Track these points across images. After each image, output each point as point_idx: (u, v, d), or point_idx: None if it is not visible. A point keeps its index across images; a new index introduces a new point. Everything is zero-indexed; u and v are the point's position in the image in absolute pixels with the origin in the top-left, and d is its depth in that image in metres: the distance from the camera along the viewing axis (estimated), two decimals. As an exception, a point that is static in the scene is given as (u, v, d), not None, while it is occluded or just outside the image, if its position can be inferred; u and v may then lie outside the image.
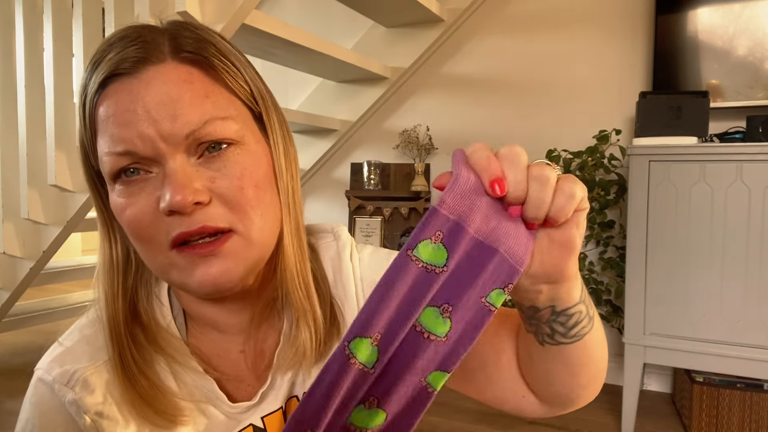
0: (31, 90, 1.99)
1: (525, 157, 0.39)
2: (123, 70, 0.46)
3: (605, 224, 2.25)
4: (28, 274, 2.10)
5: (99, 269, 0.53)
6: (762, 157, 1.67)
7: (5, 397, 2.12)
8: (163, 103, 0.45)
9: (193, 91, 0.46)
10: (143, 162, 0.46)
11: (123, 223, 0.48)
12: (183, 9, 1.49)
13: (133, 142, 0.45)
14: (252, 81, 0.52)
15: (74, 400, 0.49)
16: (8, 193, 2.06)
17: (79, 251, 5.03)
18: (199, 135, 0.46)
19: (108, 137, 0.46)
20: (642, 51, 2.27)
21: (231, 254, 0.47)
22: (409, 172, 2.59)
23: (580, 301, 0.46)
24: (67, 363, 0.50)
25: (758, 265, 1.68)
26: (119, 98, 0.46)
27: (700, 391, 1.84)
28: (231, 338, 0.56)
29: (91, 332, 0.53)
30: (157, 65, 0.47)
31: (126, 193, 0.47)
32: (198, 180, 0.46)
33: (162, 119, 0.45)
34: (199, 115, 0.46)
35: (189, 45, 0.48)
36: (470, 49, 2.58)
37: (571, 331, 0.47)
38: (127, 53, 0.46)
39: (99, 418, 0.49)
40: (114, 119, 0.46)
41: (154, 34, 0.48)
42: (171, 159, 0.45)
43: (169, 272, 0.48)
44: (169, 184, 0.45)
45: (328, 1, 2.63)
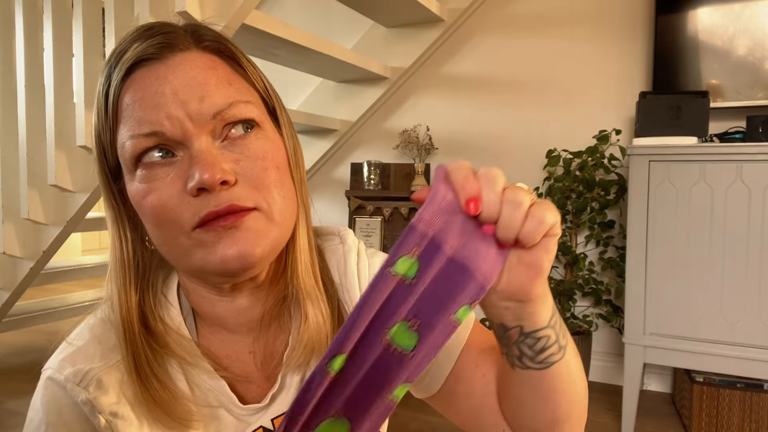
0: (31, 90, 1.99)
1: (502, 179, 0.40)
2: (149, 56, 0.48)
3: (605, 224, 2.25)
4: (28, 274, 2.10)
5: (111, 268, 0.53)
6: (762, 157, 1.67)
7: (5, 397, 2.12)
8: (191, 85, 0.47)
9: (218, 77, 0.48)
10: (169, 144, 0.47)
11: (145, 208, 0.48)
12: (183, 9, 1.49)
13: (161, 123, 0.46)
14: (264, 78, 0.54)
15: (88, 400, 0.49)
16: (8, 193, 2.06)
17: (79, 251, 5.03)
18: (225, 116, 0.47)
19: (134, 121, 0.47)
20: (642, 51, 2.27)
21: (253, 229, 0.47)
22: (409, 172, 2.59)
23: (548, 326, 0.46)
24: (79, 362, 0.50)
25: (758, 265, 1.68)
26: (146, 83, 0.47)
27: (700, 391, 1.84)
28: (240, 338, 0.56)
29: (101, 332, 0.53)
30: (184, 52, 0.48)
31: (149, 178, 0.47)
32: (224, 161, 0.47)
33: (190, 100, 0.46)
34: (224, 97, 0.48)
35: (210, 36, 0.51)
36: (470, 49, 2.58)
37: (539, 356, 0.47)
38: (152, 41, 0.48)
39: (114, 418, 0.49)
40: (141, 103, 0.47)
41: (175, 27, 0.50)
42: (197, 140, 0.46)
43: (191, 254, 0.48)
44: (198, 163, 0.45)
45: (328, 1, 2.63)
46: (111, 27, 1.68)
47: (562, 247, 2.26)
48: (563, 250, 2.26)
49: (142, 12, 1.58)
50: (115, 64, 0.48)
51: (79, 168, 1.90)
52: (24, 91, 1.98)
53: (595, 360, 2.36)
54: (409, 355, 0.41)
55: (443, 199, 0.40)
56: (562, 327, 0.48)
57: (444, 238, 0.41)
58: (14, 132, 2.04)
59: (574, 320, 2.27)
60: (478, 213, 0.39)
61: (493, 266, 0.41)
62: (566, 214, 2.32)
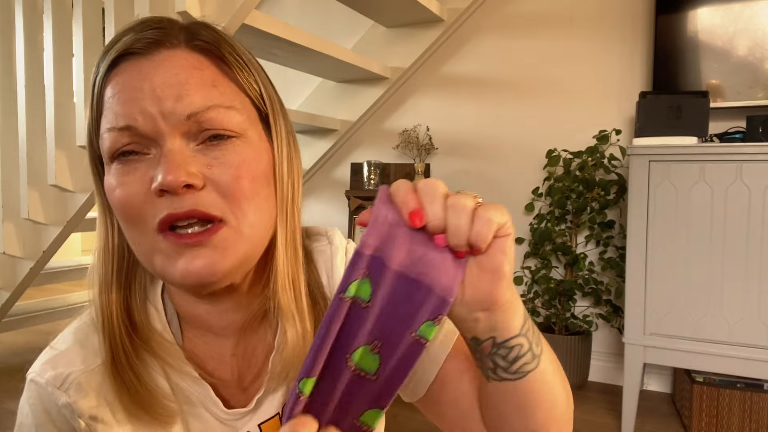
0: (31, 90, 1.99)
1: (442, 188, 0.40)
2: (136, 50, 0.47)
3: (605, 224, 2.25)
4: (28, 274, 2.10)
5: (95, 257, 0.52)
6: (762, 157, 1.67)
7: (5, 397, 2.12)
8: (170, 83, 0.46)
9: (202, 78, 0.47)
10: (142, 141, 0.46)
11: (113, 203, 0.47)
12: (183, 9, 1.49)
13: (134, 117, 0.45)
14: (263, 83, 0.52)
15: (68, 404, 0.49)
16: (8, 193, 2.06)
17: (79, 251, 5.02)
18: (201, 119, 0.46)
19: (112, 114, 0.46)
20: (642, 51, 2.27)
21: (219, 246, 0.46)
22: (409, 172, 2.59)
23: (520, 334, 0.45)
24: (60, 366, 0.50)
25: (758, 265, 1.68)
26: (128, 76, 0.47)
27: (700, 391, 1.84)
28: (224, 341, 0.56)
29: (84, 336, 0.52)
30: (171, 49, 0.48)
31: (120, 173, 0.47)
32: (194, 164, 0.45)
33: (166, 98, 0.45)
34: (203, 99, 0.46)
35: (204, 36, 0.49)
36: (470, 49, 2.58)
37: (513, 366, 0.46)
38: (142, 35, 0.47)
39: (93, 422, 0.49)
40: (120, 96, 0.46)
41: (171, 24, 0.50)
42: (169, 140, 0.46)
43: (153, 258, 0.47)
44: (164, 164, 0.44)
45: (328, 1, 2.63)
46: (111, 27, 1.68)
47: (562, 247, 2.26)
48: (563, 250, 2.26)
49: (142, 12, 1.58)
50: (103, 56, 0.48)
51: (79, 168, 1.90)
52: (24, 91, 1.98)
53: (595, 360, 2.36)
54: (372, 378, 0.41)
55: (385, 220, 0.40)
56: (535, 335, 0.47)
57: (391, 256, 0.40)
58: (14, 132, 2.04)
59: (574, 320, 2.27)
60: (423, 225, 0.39)
61: (453, 278, 0.40)
62: (566, 214, 2.32)
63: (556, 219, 2.30)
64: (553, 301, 2.30)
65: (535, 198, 2.44)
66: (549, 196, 2.34)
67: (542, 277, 2.29)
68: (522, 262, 2.49)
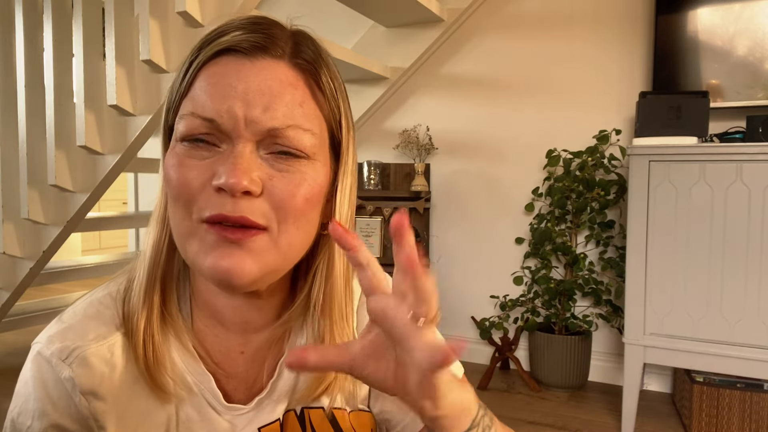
0: (31, 90, 1.98)
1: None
2: (242, 49, 0.48)
3: (605, 224, 2.25)
4: (28, 274, 2.10)
5: (151, 221, 0.54)
6: (762, 157, 1.67)
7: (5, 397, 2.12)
8: (263, 92, 0.47)
9: (293, 96, 0.48)
10: (218, 135, 0.47)
11: (168, 178, 0.48)
12: (183, 9, 1.49)
13: (220, 114, 0.46)
14: (344, 112, 0.54)
15: (70, 377, 0.50)
16: (8, 193, 2.06)
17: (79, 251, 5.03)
18: (278, 134, 0.47)
19: (199, 102, 0.48)
20: (642, 51, 2.27)
21: (253, 250, 0.47)
22: (409, 172, 2.59)
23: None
24: (68, 339, 0.51)
25: (758, 265, 1.68)
26: (227, 71, 0.48)
27: (700, 391, 1.84)
28: (234, 337, 0.56)
29: (94, 311, 0.53)
30: (274, 59, 0.49)
31: (186, 154, 0.48)
32: (258, 171, 0.47)
33: (255, 105, 0.47)
34: (286, 117, 0.47)
35: (307, 54, 0.51)
36: (470, 49, 2.58)
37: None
38: (251, 37, 0.48)
39: (93, 399, 0.50)
40: (213, 88, 0.47)
41: (280, 32, 0.51)
42: (243, 143, 0.47)
43: (188, 241, 0.48)
44: (231, 165, 0.46)
45: (328, 1, 2.63)
46: (111, 27, 1.68)
47: (562, 247, 2.26)
48: (563, 250, 2.26)
49: (142, 12, 1.58)
50: (210, 41, 0.49)
51: (79, 168, 1.90)
52: (24, 91, 1.98)
53: (595, 360, 2.36)
54: None
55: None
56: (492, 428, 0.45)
57: None
58: (14, 132, 2.04)
59: (574, 320, 2.27)
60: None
61: None
62: (566, 214, 2.32)
63: (556, 219, 2.30)
64: (553, 301, 2.30)
65: (535, 198, 2.44)
66: (549, 196, 2.34)
67: (542, 277, 2.29)
68: (522, 262, 2.49)
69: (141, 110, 1.72)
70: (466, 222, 2.62)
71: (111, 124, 1.80)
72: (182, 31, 1.61)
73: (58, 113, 1.89)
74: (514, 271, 2.50)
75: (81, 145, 1.77)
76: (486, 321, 2.42)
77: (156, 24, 1.59)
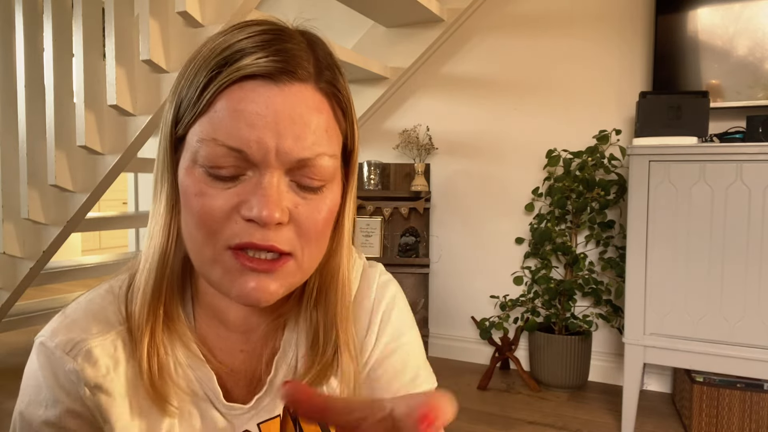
0: (31, 90, 1.98)
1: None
2: (267, 73, 0.46)
3: (605, 224, 2.25)
4: (28, 274, 2.10)
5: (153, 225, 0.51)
6: (762, 157, 1.67)
7: (5, 397, 2.12)
8: (294, 121, 0.46)
9: (319, 123, 0.48)
10: (244, 164, 0.46)
11: (191, 207, 0.47)
12: (183, 9, 1.49)
13: (249, 144, 0.45)
14: (354, 125, 0.53)
15: (75, 370, 0.50)
16: (8, 193, 2.06)
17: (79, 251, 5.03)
18: (308, 164, 0.47)
19: (223, 127, 0.45)
20: (642, 51, 2.27)
21: (281, 276, 0.48)
22: (409, 172, 2.59)
23: None
24: (72, 332, 0.51)
25: (758, 265, 1.68)
26: (253, 97, 0.46)
27: (700, 391, 1.84)
28: (235, 336, 0.57)
29: (97, 307, 0.53)
30: (301, 84, 0.47)
31: (209, 183, 0.46)
32: (286, 200, 0.47)
33: (287, 136, 0.46)
34: (316, 146, 0.47)
35: (329, 76, 0.50)
36: (470, 49, 2.58)
37: None
38: (276, 60, 0.46)
39: (98, 392, 0.50)
40: (240, 115, 0.45)
41: (298, 46, 0.49)
42: (272, 172, 0.46)
43: (212, 267, 0.48)
44: (263, 196, 0.45)
45: (328, 1, 2.63)
46: (111, 27, 1.68)
47: (562, 247, 2.26)
48: (563, 250, 2.26)
49: (142, 12, 1.58)
50: (230, 61, 0.46)
51: (79, 168, 1.90)
52: (24, 91, 1.98)
53: (595, 360, 2.36)
54: None
55: None
56: None
57: None
58: (14, 132, 2.04)
59: (574, 320, 2.27)
60: None
61: None
62: (566, 214, 2.32)
63: (556, 219, 2.30)
64: (553, 301, 2.30)
65: (535, 198, 2.44)
66: (549, 196, 2.34)
67: (542, 277, 2.29)
68: (522, 262, 2.49)
69: (141, 110, 1.72)
70: (466, 222, 2.62)
71: (111, 124, 1.80)
72: (182, 31, 1.61)
73: (58, 113, 1.89)
74: (514, 271, 2.50)
75: (81, 145, 1.77)
76: (486, 321, 2.42)
77: (156, 24, 1.59)
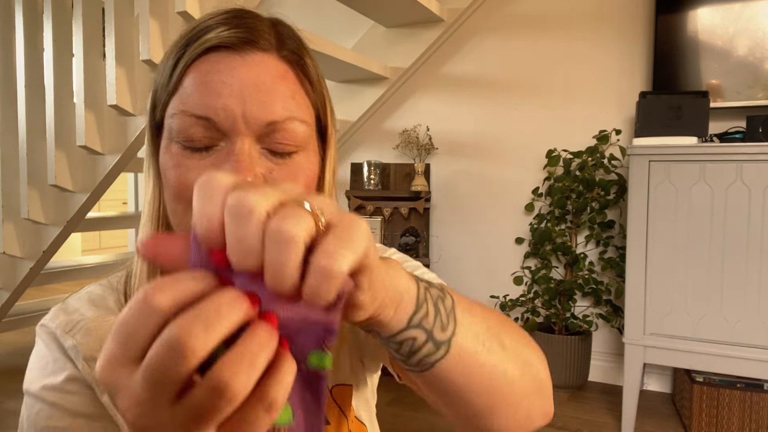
0: (31, 90, 1.98)
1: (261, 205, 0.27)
2: (230, 44, 0.48)
3: (605, 224, 2.25)
4: (28, 274, 2.10)
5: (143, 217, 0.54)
6: (762, 157, 1.67)
7: (5, 397, 2.12)
8: (257, 87, 0.47)
9: (285, 88, 0.49)
10: (215, 134, 0.48)
11: (168, 180, 0.49)
12: (183, 9, 1.49)
13: (216, 112, 0.47)
14: (328, 96, 0.55)
15: (74, 346, 0.52)
16: (8, 193, 2.06)
17: (79, 251, 5.03)
18: (277, 128, 0.48)
19: (192, 99, 0.47)
20: (642, 51, 2.27)
21: None
22: (409, 172, 2.59)
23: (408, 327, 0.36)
24: (73, 315, 0.53)
25: (758, 265, 1.68)
26: (218, 68, 0.48)
27: (700, 391, 1.84)
28: None
29: (97, 297, 0.55)
30: (263, 53, 0.49)
31: (184, 155, 0.48)
32: (259, 166, 0.48)
33: (251, 101, 0.47)
34: (284, 110, 0.48)
35: (292, 45, 0.51)
36: (470, 49, 2.58)
37: (411, 359, 0.38)
38: (238, 32, 0.49)
39: (93, 363, 0.51)
40: (206, 85, 0.47)
41: (261, 23, 0.51)
42: (242, 139, 0.47)
43: None
44: (234, 162, 0.46)
45: (328, 1, 2.63)
46: (111, 27, 1.68)
47: (562, 247, 2.26)
48: (563, 250, 2.26)
49: (142, 12, 1.58)
50: (195, 38, 0.49)
51: (79, 168, 1.90)
52: (24, 91, 1.98)
53: (595, 360, 2.36)
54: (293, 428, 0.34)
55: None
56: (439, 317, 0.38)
57: None
58: (14, 132, 2.04)
59: (574, 320, 2.27)
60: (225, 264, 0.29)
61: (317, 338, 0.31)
62: (566, 214, 2.32)
63: (556, 219, 2.30)
64: (553, 301, 2.30)
65: (535, 198, 2.44)
66: (549, 196, 2.34)
67: (542, 277, 2.29)
68: (522, 262, 2.49)
69: (141, 110, 1.72)
70: (466, 222, 2.62)
71: (111, 124, 1.80)
72: (182, 31, 1.61)
73: (58, 113, 1.89)
74: (514, 271, 2.50)
75: (81, 145, 1.77)
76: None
77: (156, 24, 1.59)
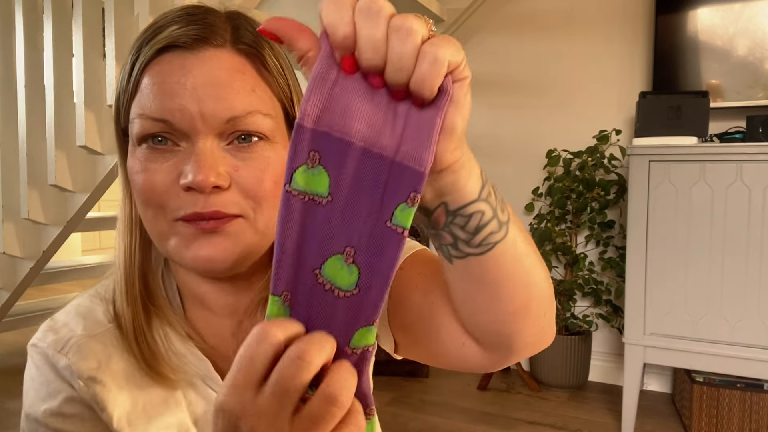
0: (31, 90, 1.98)
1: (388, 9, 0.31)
2: (182, 43, 0.47)
3: (605, 224, 2.25)
4: (28, 274, 2.10)
5: (119, 226, 0.54)
6: (762, 157, 1.67)
7: (5, 397, 2.12)
8: (212, 84, 0.46)
9: (243, 82, 0.48)
10: (175, 134, 0.47)
11: (135, 185, 0.49)
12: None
13: (172, 113, 0.46)
14: (293, 86, 0.53)
15: (68, 365, 0.51)
16: (8, 193, 2.06)
17: (79, 251, 5.02)
18: (238, 123, 0.47)
19: (148, 102, 0.47)
20: (642, 51, 2.27)
21: (232, 234, 0.48)
22: (409, 172, 2.59)
23: (479, 199, 0.37)
24: (62, 332, 0.52)
25: (758, 265, 1.69)
26: (171, 68, 0.47)
27: (700, 391, 1.84)
28: (223, 321, 0.57)
29: (85, 309, 0.55)
30: (216, 48, 0.48)
31: (149, 158, 0.48)
32: (223, 165, 0.47)
33: (207, 99, 0.46)
34: (243, 104, 0.47)
35: (248, 38, 0.50)
36: (470, 49, 2.57)
37: (476, 238, 0.38)
38: (189, 29, 0.47)
39: (92, 383, 0.51)
40: (160, 87, 0.47)
41: (217, 18, 0.50)
42: (203, 138, 0.47)
43: (167, 240, 0.49)
44: (195, 162, 0.46)
45: (328, 1, 2.63)
46: (111, 27, 1.68)
47: (562, 247, 2.26)
48: (563, 250, 2.26)
49: (142, 12, 1.58)
50: (149, 39, 0.48)
51: (79, 168, 1.90)
52: (24, 91, 1.98)
53: (595, 360, 2.36)
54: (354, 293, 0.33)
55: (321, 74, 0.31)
56: (500, 201, 0.39)
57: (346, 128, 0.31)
58: (14, 132, 2.04)
59: (574, 320, 2.27)
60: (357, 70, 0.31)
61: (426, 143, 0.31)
62: (566, 214, 2.32)
63: (556, 219, 2.30)
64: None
65: (535, 198, 2.44)
66: (549, 196, 2.34)
67: (542, 277, 2.28)
68: (522, 262, 2.49)
69: (141, 110, 1.72)
70: (466, 222, 2.62)
71: (111, 124, 1.79)
72: (182, 31, 1.61)
73: (58, 113, 1.89)
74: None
75: (81, 145, 1.77)
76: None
77: (156, 24, 1.59)
